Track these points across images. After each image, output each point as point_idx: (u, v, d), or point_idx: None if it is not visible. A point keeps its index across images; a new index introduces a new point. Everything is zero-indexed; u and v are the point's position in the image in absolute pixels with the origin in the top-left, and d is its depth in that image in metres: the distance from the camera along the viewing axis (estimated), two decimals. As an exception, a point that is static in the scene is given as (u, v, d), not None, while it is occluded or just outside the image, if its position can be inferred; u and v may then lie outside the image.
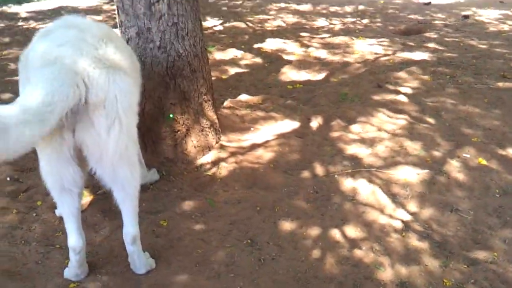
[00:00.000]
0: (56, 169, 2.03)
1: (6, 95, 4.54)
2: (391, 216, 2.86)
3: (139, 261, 2.35)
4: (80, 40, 1.95)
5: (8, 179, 3.14)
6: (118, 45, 2.14)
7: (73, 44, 1.92)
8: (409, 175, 3.27)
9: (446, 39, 6.85)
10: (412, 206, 2.96)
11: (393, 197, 3.04)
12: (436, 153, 3.55)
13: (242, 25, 7.96)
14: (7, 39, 6.92)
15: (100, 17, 8.63)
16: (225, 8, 9.60)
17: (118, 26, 3.43)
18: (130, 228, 2.28)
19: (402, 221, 2.81)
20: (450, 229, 2.75)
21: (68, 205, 2.16)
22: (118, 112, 1.97)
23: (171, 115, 3.36)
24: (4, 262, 2.42)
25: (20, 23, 8.13)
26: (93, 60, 1.91)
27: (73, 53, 1.88)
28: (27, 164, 3.26)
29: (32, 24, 8.05)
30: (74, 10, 9.52)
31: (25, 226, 2.71)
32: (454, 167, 3.37)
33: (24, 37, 6.71)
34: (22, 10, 9.57)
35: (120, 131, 1.99)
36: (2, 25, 8.03)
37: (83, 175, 2.12)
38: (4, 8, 9.77)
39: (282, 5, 10.00)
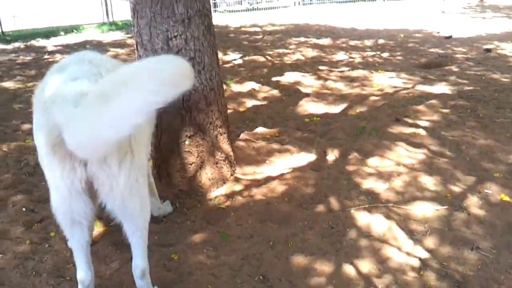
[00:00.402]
0: (67, 202, 2.03)
1: (27, 126, 4.66)
2: (408, 254, 2.77)
3: (148, 296, 2.31)
4: (95, 74, 2.00)
5: (23, 209, 3.18)
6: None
7: (89, 77, 1.96)
8: (428, 211, 3.18)
9: (468, 72, 6.79)
10: (430, 243, 2.85)
11: (411, 234, 2.95)
12: (456, 189, 3.45)
13: (261, 58, 8.08)
14: (33, 72, 7.17)
15: (123, 50, 8.89)
16: (245, 43, 9.79)
17: (137, 60, 3.50)
18: (139, 261, 2.25)
19: (420, 259, 2.71)
20: (471, 268, 2.63)
21: (78, 238, 2.15)
22: (130, 146, 1.99)
23: (186, 142, 3.38)
24: (14, 293, 2.42)
25: (46, 56, 8.44)
26: None
27: (89, 85, 1.91)
28: (43, 195, 3.29)
29: (58, 57, 8.34)
30: (99, 44, 9.85)
31: (37, 257, 2.72)
32: (475, 203, 3.26)
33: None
34: (49, 43, 9.96)
35: (131, 165, 2.00)
36: (29, 58, 8.35)
37: (94, 208, 2.12)
38: (33, 42, 10.18)
39: (302, 39, 10.15)
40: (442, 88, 5.95)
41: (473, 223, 3.05)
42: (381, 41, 9.72)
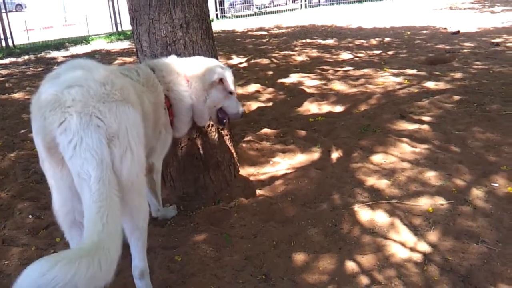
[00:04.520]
0: (69, 202, 2.07)
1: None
2: (412, 249, 2.74)
3: (149, 298, 2.33)
4: (87, 79, 2.03)
5: (30, 216, 3.24)
6: (125, 81, 2.23)
7: (81, 84, 1.99)
8: (432, 205, 3.15)
9: (475, 67, 6.72)
10: (435, 238, 2.82)
11: (415, 229, 2.92)
12: (462, 183, 3.41)
13: (266, 61, 8.09)
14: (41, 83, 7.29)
15: (131, 59, 8.99)
16: (251, 46, 9.83)
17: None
18: (138, 262, 2.28)
19: (424, 254, 2.69)
20: (476, 262, 2.59)
21: (77, 241, 2.18)
22: (129, 142, 2.03)
23: None
24: (19, 299, 2.45)
25: (55, 67, 8.57)
26: (102, 97, 1.99)
27: (82, 94, 1.95)
28: (49, 202, 3.32)
29: (67, 68, 8.47)
30: (108, 53, 9.97)
31: (42, 263, 2.75)
32: (481, 197, 3.23)
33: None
34: (59, 55, 10.11)
35: (132, 160, 2.04)
36: (39, 69, 8.49)
37: None
38: (43, 54, 10.35)
39: (308, 40, 10.15)
40: (448, 83, 5.90)
41: (479, 216, 3.01)
42: (387, 39, 9.68)
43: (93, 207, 1.80)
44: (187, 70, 2.91)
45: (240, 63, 8.02)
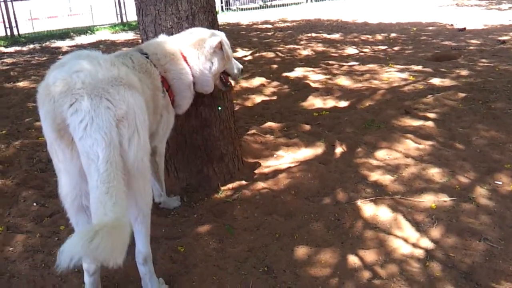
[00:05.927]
0: (78, 185, 2.08)
1: (39, 123, 4.74)
2: (414, 245, 2.75)
3: (151, 284, 2.35)
4: (95, 65, 2.08)
5: (34, 204, 3.25)
6: (129, 70, 2.28)
7: (89, 69, 2.04)
8: (435, 202, 3.15)
9: (480, 64, 6.70)
10: (437, 234, 2.83)
11: (417, 225, 2.93)
12: (465, 180, 3.41)
13: (271, 54, 8.07)
14: (46, 72, 7.30)
15: (135, 50, 8.97)
16: (256, 39, 9.80)
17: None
18: (142, 248, 2.30)
19: (426, 250, 2.69)
20: (478, 259, 2.60)
21: (83, 225, 2.20)
22: (137, 125, 2.07)
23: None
24: (23, 285, 2.48)
25: (60, 57, 8.57)
26: (110, 80, 2.04)
27: (91, 78, 1.99)
28: (54, 190, 3.34)
29: (72, 58, 8.47)
30: (112, 43, 9.96)
31: (46, 250, 2.78)
32: (484, 194, 3.23)
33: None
34: (64, 44, 10.11)
35: (138, 143, 2.07)
36: (44, 58, 8.50)
37: None
38: (48, 43, 10.35)
39: (313, 35, 10.11)
40: (453, 80, 5.87)
41: (482, 214, 3.02)
42: (393, 35, 9.64)
43: (101, 188, 1.83)
44: (183, 48, 2.92)
45: (245, 56, 8.00)
